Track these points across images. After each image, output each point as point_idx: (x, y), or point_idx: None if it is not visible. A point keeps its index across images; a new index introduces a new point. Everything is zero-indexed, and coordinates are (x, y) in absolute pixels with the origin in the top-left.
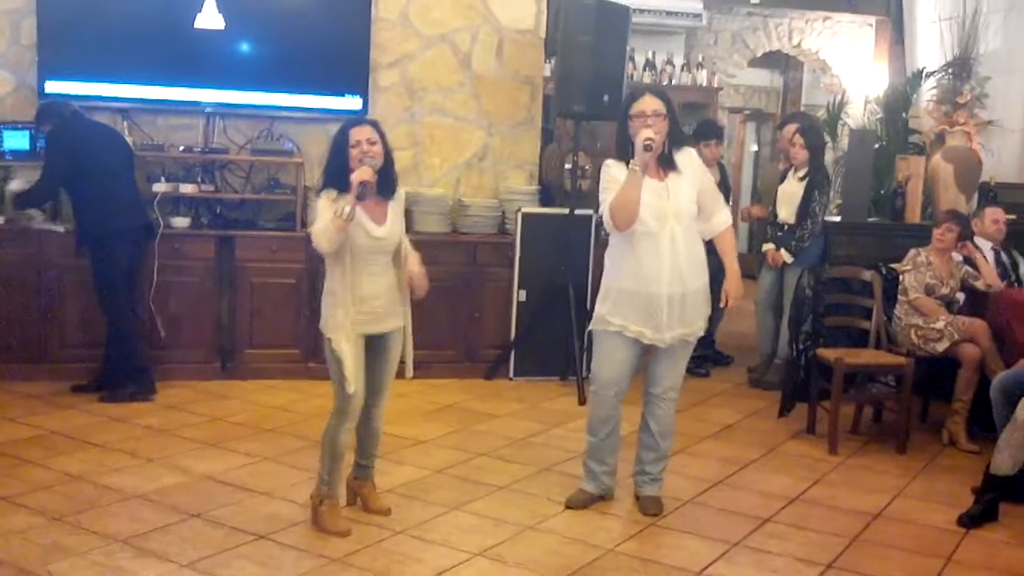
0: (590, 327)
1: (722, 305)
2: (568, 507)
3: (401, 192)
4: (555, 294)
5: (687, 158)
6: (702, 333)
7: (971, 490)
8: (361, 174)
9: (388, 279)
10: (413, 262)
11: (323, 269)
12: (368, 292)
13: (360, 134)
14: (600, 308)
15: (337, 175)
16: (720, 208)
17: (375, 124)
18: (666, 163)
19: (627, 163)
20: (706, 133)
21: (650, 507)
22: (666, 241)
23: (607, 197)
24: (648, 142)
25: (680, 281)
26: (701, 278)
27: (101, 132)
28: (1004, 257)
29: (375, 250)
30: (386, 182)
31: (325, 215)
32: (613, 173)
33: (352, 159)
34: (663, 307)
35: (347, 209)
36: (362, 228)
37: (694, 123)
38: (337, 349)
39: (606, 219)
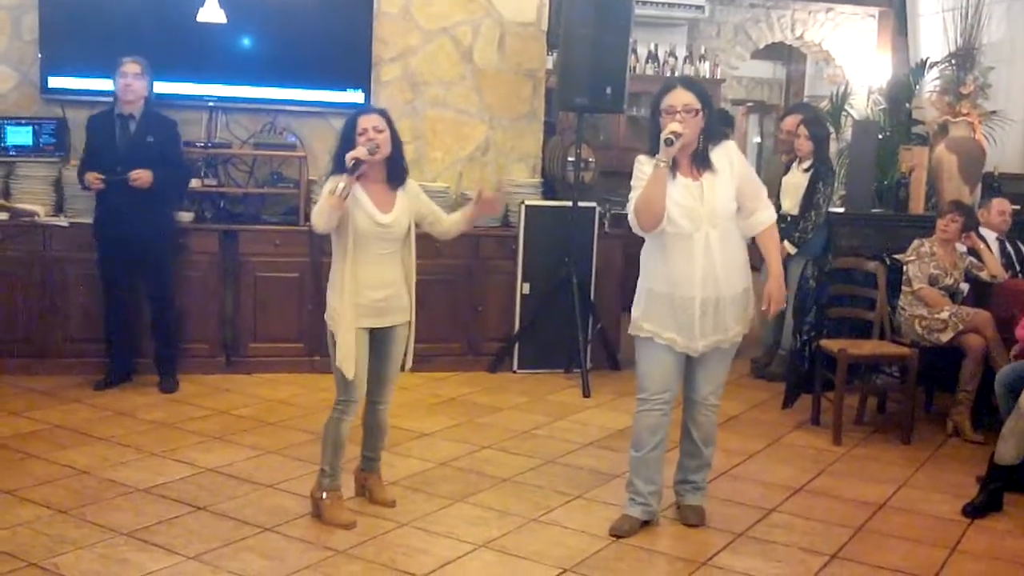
0: (629, 331)
1: (763, 308)
2: (613, 535)
3: (413, 184)
4: (559, 287)
5: (725, 153)
6: (740, 338)
7: (976, 480)
8: (355, 152)
9: (394, 271)
10: (468, 211)
11: (328, 262)
12: (370, 281)
13: (368, 122)
14: (634, 311)
15: (343, 162)
16: (762, 204)
17: (383, 113)
18: (701, 161)
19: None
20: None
21: (691, 517)
22: (700, 245)
23: (634, 196)
24: (670, 136)
25: (714, 286)
26: (740, 283)
27: None
28: (1009, 248)
29: (379, 237)
30: (394, 170)
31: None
32: (643, 169)
33: (358, 145)
34: (695, 314)
35: (341, 185)
36: (366, 213)
37: None
38: (335, 335)
39: (631, 219)
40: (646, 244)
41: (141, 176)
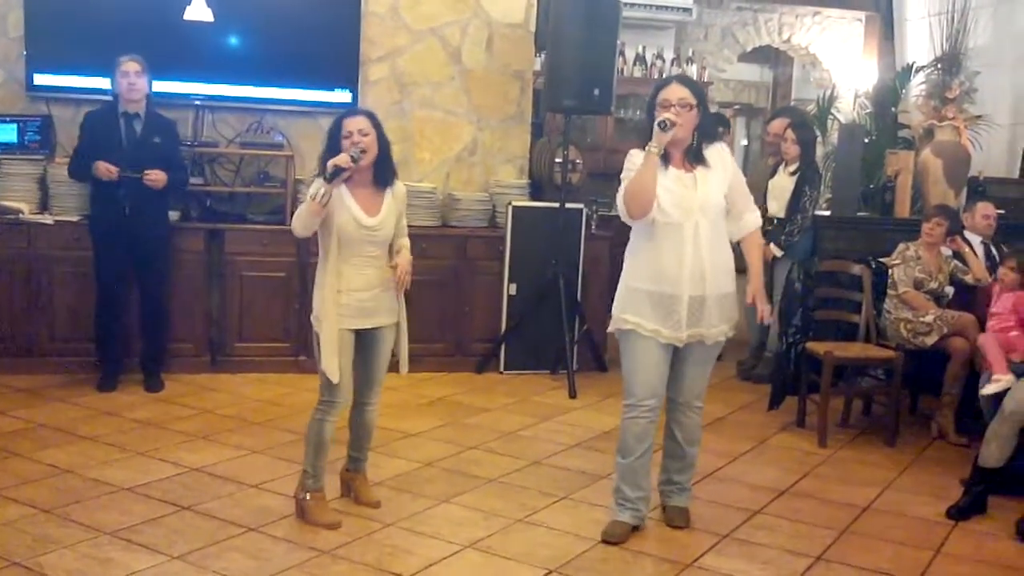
0: (609, 329)
1: (748, 303)
2: (605, 541)
3: (400, 187)
4: (546, 288)
5: (718, 153)
6: (724, 338)
7: (960, 482)
8: (337, 159)
9: (379, 273)
10: (404, 256)
11: (314, 262)
12: (355, 284)
13: (353, 125)
14: (615, 307)
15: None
16: (751, 207)
17: (370, 115)
18: (694, 157)
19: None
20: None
21: (676, 519)
22: (689, 235)
23: (624, 186)
24: (663, 121)
25: (701, 282)
26: (726, 284)
27: None
28: (993, 251)
29: (364, 240)
30: (381, 173)
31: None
32: (635, 161)
33: (344, 149)
34: (682, 307)
35: (320, 192)
36: (351, 216)
37: None
38: (319, 336)
39: (620, 207)
40: (632, 240)
41: (157, 177)
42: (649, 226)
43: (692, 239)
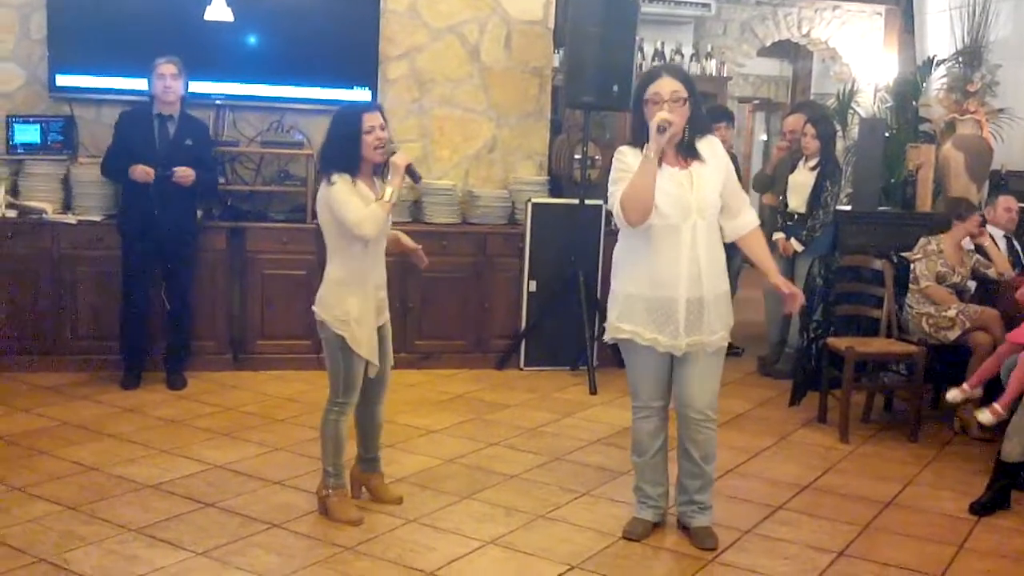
0: (604, 337)
1: (786, 312)
2: (626, 538)
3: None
4: (565, 284)
5: (711, 146)
6: (724, 343)
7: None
8: (406, 157)
9: (384, 267)
10: (407, 239)
11: None
12: (377, 280)
13: (374, 120)
14: (610, 314)
15: (349, 160)
16: (746, 205)
17: (382, 110)
18: (688, 151)
19: (642, 149)
20: (716, 116)
21: (706, 540)
22: (687, 237)
23: (618, 188)
24: (663, 123)
25: (699, 284)
26: (722, 283)
27: None
28: (1016, 245)
29: (384, 233)
30: (381, 167)
31: (354, 200)
32: (626, 161)
33: (366, 145)
34: (680, 312)
35: (395, 192)
36: None
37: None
38: (351, 340)
39: (616, 213)
40: (623, 243)
41: (187, 174)
42: (645, 229)
43: (690, 241)
